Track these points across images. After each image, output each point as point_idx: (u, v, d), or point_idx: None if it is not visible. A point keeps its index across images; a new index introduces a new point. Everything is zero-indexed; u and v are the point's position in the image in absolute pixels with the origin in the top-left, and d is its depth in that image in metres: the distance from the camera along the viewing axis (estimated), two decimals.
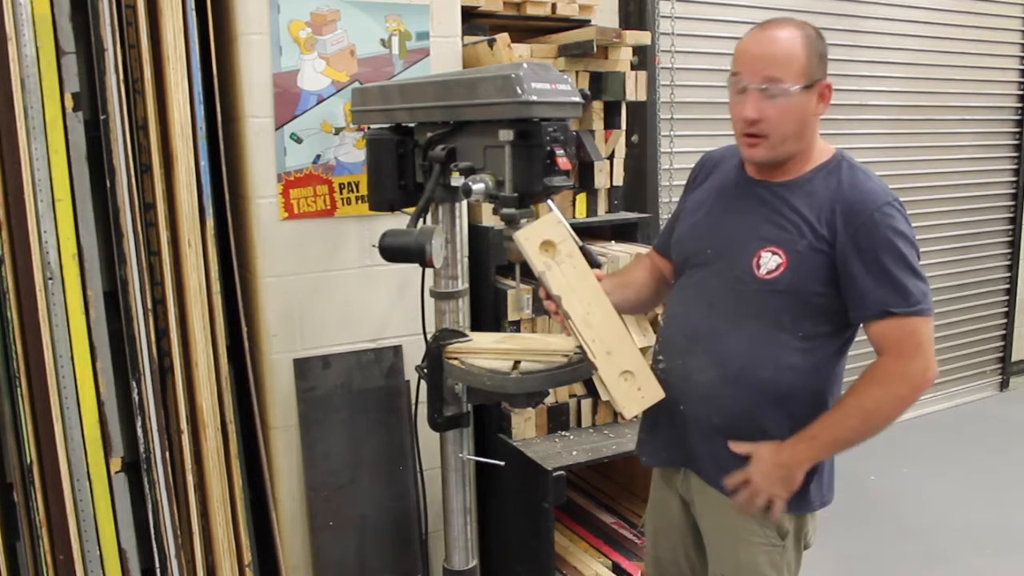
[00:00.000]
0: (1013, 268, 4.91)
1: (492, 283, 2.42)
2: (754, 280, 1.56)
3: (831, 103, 1.58)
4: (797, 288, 1.53)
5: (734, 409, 1.60)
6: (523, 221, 1.67)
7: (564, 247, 1.60)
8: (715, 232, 1.65)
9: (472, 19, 2.55)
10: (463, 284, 2.00)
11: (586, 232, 2.63)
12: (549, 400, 2.47)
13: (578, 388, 2.55)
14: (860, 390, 1.54)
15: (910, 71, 4.25)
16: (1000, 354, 5.01)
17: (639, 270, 1.88)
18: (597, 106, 2.60)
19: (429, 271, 2.01)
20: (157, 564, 2.09)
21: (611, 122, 2.64)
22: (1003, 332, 4.99)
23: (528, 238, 1.59)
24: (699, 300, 1.64)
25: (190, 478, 2.13)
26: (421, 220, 1.75)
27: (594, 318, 1.60)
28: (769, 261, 1.54)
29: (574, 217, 2.60)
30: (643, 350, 1.68)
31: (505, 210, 1.65)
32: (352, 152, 2.28)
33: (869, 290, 1.50)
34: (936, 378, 1.54)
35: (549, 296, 1.63)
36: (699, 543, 1.77)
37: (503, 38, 2.38)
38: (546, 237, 1.60)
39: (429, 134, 1.84)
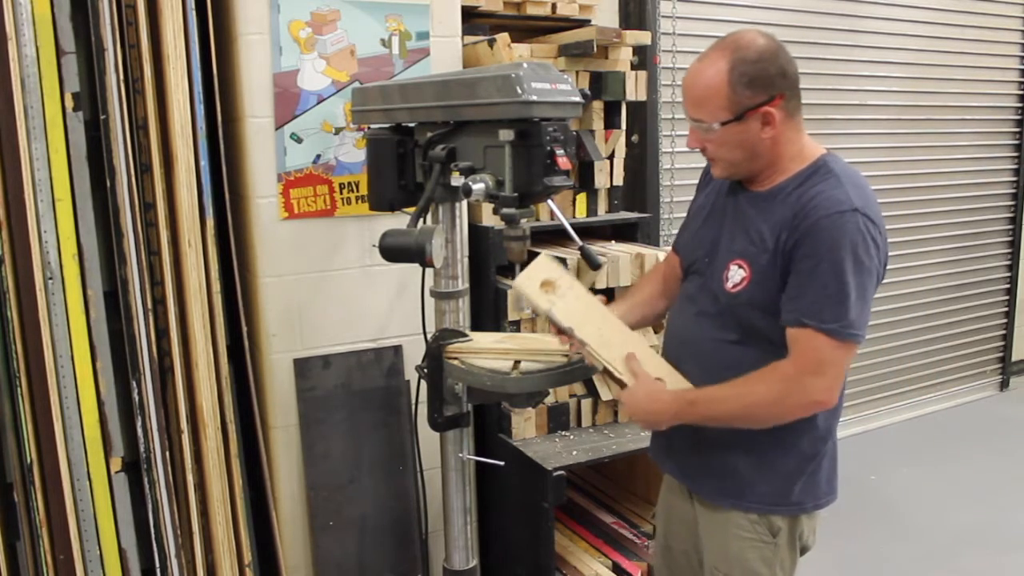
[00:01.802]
0: (1013, 268, 4.91)
1: (492, 283, 2.42)
2: (724, 293, 1.57)
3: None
4: (759, 302, 1.52)
5: None
6: (523, 221, 1.68)
7: (563, 281, 1.62)
8: (706, 241, 1.66)
9: (472, 19, 2.55)
10: (463, 284, 2.00)
11: (586, 232, 2.63)
12: (549, 400, 2.47)
13: (578, 388, 2.55)
14: (751, 381, 1.49)
15: (910, 71, 4.25)
16: (1000, 354, 5.01)
17: (648, 286, 1.90)
18: (597, 106, 2.60)
19: (429, 271, 2.01)
20: (157, 564, 2.09)
21: (611, 122, 2.64)
22: (1003, 332, 4.99)
23: (529, 280, 1.61)
24: (691, 307, 1.67)
25: (190, 478, 2.13)
26: (421, 220, 1.75)
27: (608, 337, 1.62)
28: (735, 275, 1.55)
29: (574, 217, 2.60)
30: None
31: (505, 210, 1.65)
32: (352, 152, 2.28)
33: (793, 296, 1.46)
34: (832, 406, 1.48)
35: (560, 331, 1.64)
36: None
37: (503, 38, 2.38)
38: (544, 277, 1.61)
39: (429, 134, 1.84)
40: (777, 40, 1.52)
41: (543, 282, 1.62)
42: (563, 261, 2.32)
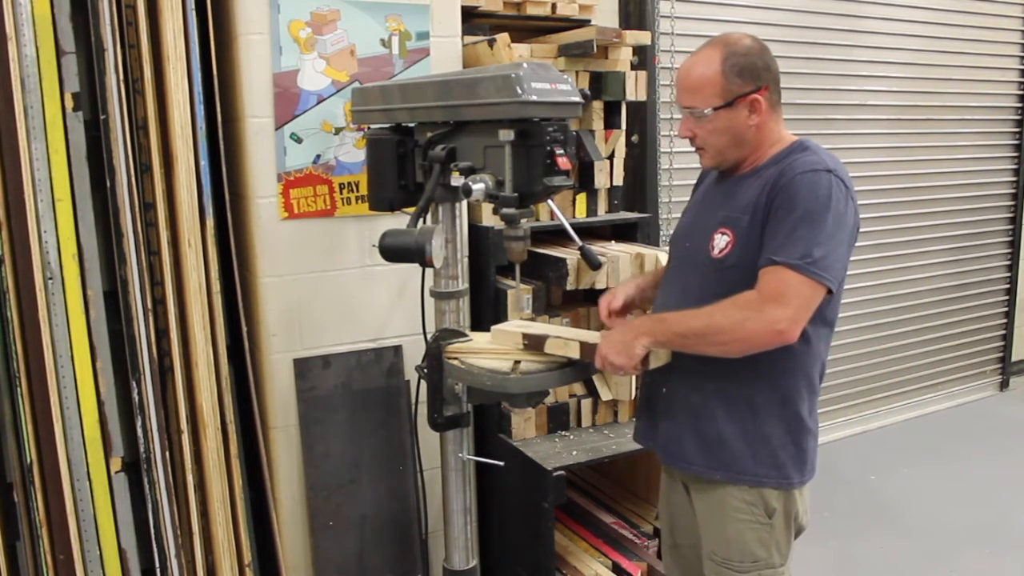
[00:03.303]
0: (1013, 268, 4.91)
1: (492, 283, 2.42)
2: (711, 261, 1.65)
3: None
4: (745, 263, 1.59)
5: (709, 386, 1.66)
6: (523, 221, 1.68)
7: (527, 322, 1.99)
8: (691, 226, 1.77)
9: (472, 19, 2.55)
10: (463, 284, 2.00)
11: (586, 232, 2.63)
12: (549, 400, 2.47)
13: (578, 388, 2.55)
14: (719, 304, 1.56)
15: (910, 71, 4.25)
16: (1000, 354, 5.01)
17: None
18: (597, 106, 2.59)
19: (429, 271, 2.01)
20: (157, 564, 2.09)
21: (611, 122, 2.64)
22: (1003, 332, 4.99)
23: (503, 324, 1.88)
24: (675, 287, 1.76)
25: (190, 478, 2.13)
26: (421, 220, 1.75)
27: (575, 333, 1.81)
28: (720, 241, 1.64)
29: (574, 217, 2.60)
30: None
31: (505, 210, 1.65)
32: (352, 152, 2.28)
33: (767, 242, 1.56)
34: (793, 340, 1.52)
35: (536, 343, 1.74)
36: None
37: (503, 38, 2.38)
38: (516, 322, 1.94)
39: (429, 134, 1.84)
40: (761, 41, 1.66)
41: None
42: (563, 261, 2.32)
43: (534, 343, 1.74)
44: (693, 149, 1.72)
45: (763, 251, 1.55)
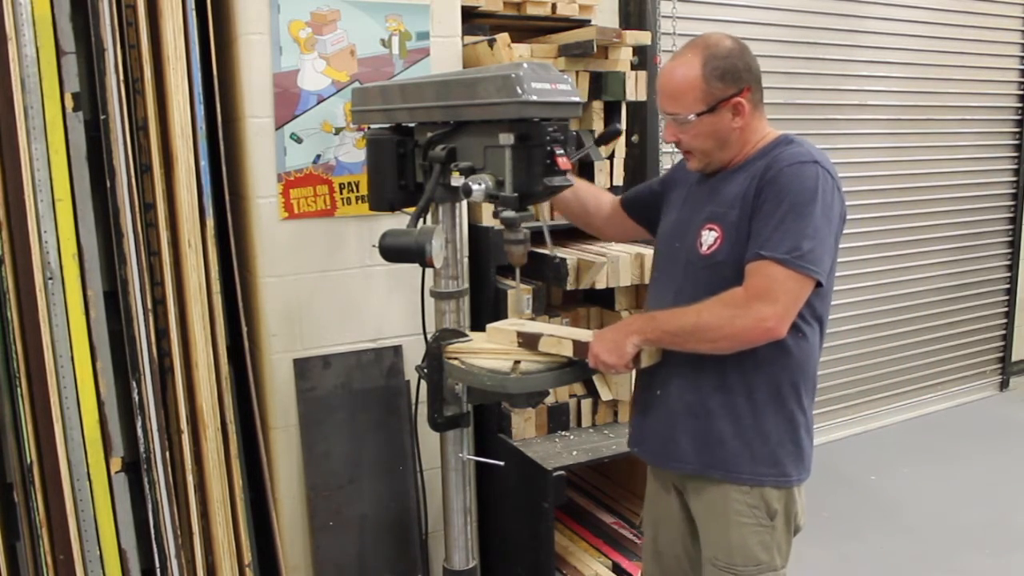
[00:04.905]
0: (1013, 268, 4.91)
1: (492, 283, 2.42)
2: (700, 258, 1.65)
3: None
4: (734, 259, 1.59)
5: (706, 384, 1.66)
6: (523, 223, 1.68)
7: (521, 321, 1.99)
8: (677, 226, 1.76)
9: (472, 19, 2.55)
10: (463, 284, 2.00)
11: (587, 232, 2.62)
12: (549, 400, 2.47)
13: (578, 388, 2.55)
14: (709, 302, 1.56)
15: (910, 71, 4.25)
16: (1000, 354, 5.01)
17: (597, 190, 2.12)
18: (597, 106, 2.59)
19: (429, 271, 2.01)
20: (157, 564, 2.09)
21: (611, 122, 2.63)
22: (1003, 332, 4.99)
23: (498, 324, 1.89)
24: (667, 289, 1.74)
25: (190, 478, 2.13)
26: (421, 220, 1.75)
27: (568, 331, 1.81)
28: (708, 237, 1.64)
29: None
30: None
31: (505, 214, 1.65)
32: (352, 152, 2.28)
33: (754, 234, 1.55)
34: (780, 336, 1.53)
35: (531, 341, 1.75)
36: (695, 532, 1.80)
37: (503, 38, 2.38)
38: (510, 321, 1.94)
39: (429, 134, 1.84)
40: (741, 41, 1.65)
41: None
42: (563, 261, 2.32)
43: (528, 341, 1.75)
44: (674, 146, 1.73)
45: (750, 244, 1.55)
